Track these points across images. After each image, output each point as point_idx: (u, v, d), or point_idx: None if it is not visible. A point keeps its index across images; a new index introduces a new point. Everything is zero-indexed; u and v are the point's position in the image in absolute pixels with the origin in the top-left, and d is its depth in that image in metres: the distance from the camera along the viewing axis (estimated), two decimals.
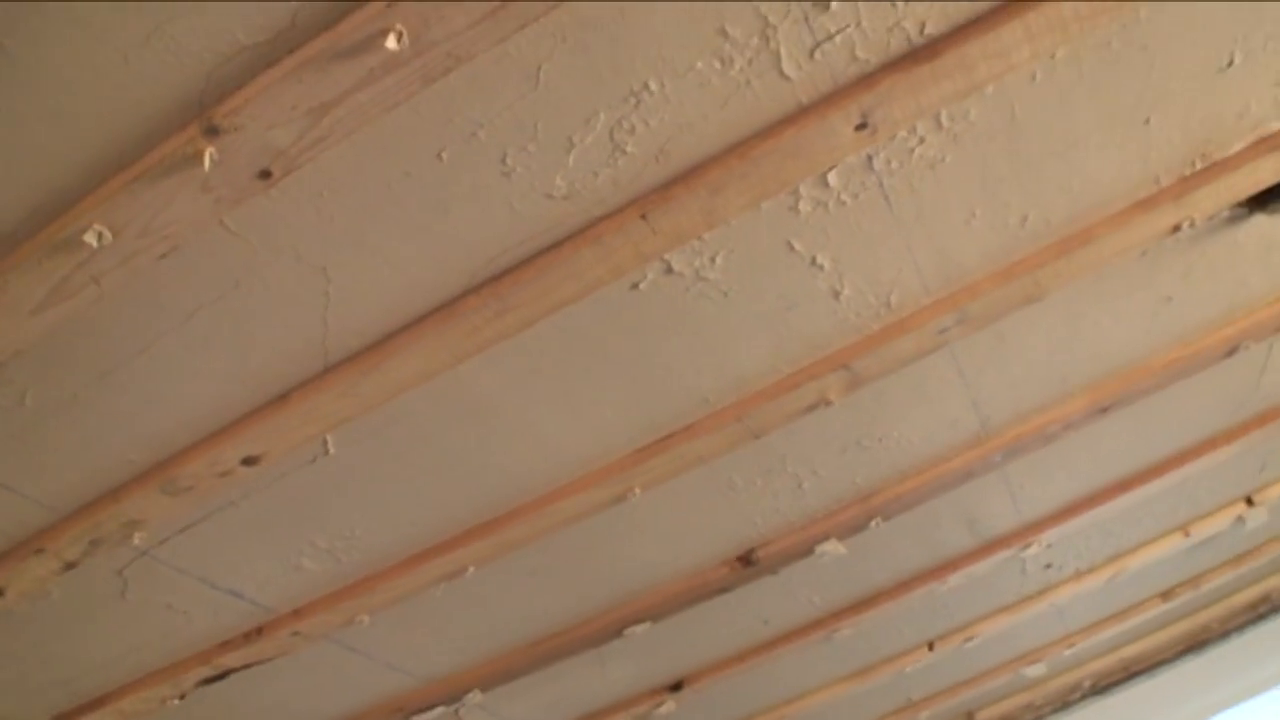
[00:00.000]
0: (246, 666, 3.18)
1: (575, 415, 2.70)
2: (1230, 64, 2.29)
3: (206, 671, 3.14)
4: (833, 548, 3.42)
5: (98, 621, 2.91)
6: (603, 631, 3.60)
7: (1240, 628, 5.68)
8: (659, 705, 4.24)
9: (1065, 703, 5.84)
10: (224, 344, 2.22)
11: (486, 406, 2.59)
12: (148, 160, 1.78)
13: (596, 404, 2.69)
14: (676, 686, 4.21)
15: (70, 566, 2.60)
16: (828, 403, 2.80)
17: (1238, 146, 2.49)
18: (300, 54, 1.70)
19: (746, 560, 3.43)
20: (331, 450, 2.57)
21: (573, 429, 2.74)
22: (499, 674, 3.69)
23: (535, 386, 2.58)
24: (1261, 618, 5.65)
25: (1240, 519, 4.34)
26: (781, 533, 3.41)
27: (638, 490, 2.92)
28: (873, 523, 3.39)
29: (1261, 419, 3.68)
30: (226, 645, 3.10)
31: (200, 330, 2.17)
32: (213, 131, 1.75)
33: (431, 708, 3.76)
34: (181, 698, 3.22)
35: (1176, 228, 2.60)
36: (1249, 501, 4.29)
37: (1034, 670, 5.22)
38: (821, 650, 4.29)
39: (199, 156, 1.76)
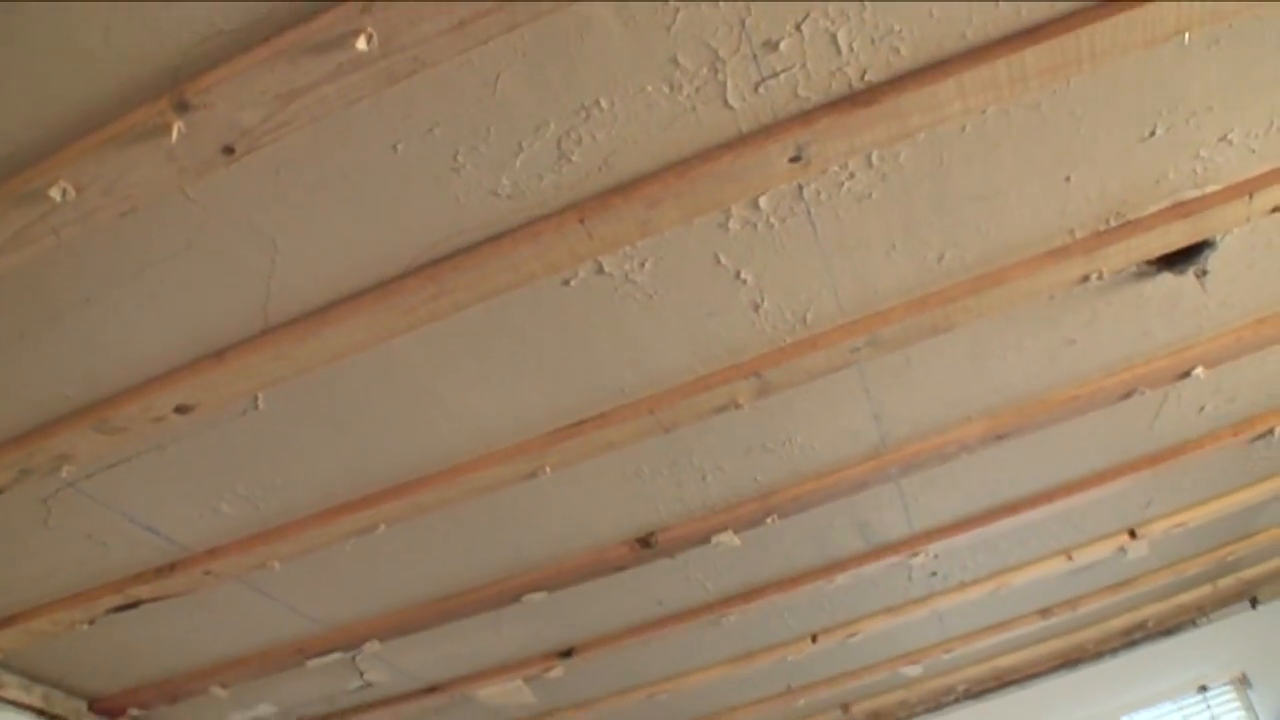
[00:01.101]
0: (157, 599, 3.26)
1: (496, 395, 2.81)
2: (1152, 134, 2.43)
3: (118, 600, 3.22)
4: (728, 539, 3.56)
5: (17, 546, 2.99)
6: (502, 596, 3.72)
7: (1114, 650, 5.90)
8: (549, 669, 4.37)
9: (939, 704, 6.04)
10: (170, 300, 2.30)
11: (413, 379, 2.70)
12: (118, 126, 1.87)
13: (518, 387, 2.80)
14: (567, 653, 4.34)
15: None
16: (738, 405, 2.93)
17: (1152, 209, 2.64)
18: (274, 44, 1.80)
19: (646, 543, 3.55)
20: (262, 406, 2.66)
21: (493, 407, 2.85)
22: (398, 626, 3.80)
23: (462, 365, 2.69)
24: (1135, 643, 5.88)
25: (1122, 549, 4.51)
26: (682, 520, 3.55)
27: (549, 469, 3.04)
28: (769, 519, 3.52)
29: (1153, 460, 3.84)
30: (140, 578, 3.18)
31: (149, 285, 2.26)
32: (183, 107, 1.84)
33: (330, 653, 3.86)
34: (91, 623, 3.30)
35: (1085, 278, 2.74)
36: (1132, 534, 4.45)
37: (911, 670, 5.40)
38: (709, 633, 4.43)
39: (167, 128, 1.86)
